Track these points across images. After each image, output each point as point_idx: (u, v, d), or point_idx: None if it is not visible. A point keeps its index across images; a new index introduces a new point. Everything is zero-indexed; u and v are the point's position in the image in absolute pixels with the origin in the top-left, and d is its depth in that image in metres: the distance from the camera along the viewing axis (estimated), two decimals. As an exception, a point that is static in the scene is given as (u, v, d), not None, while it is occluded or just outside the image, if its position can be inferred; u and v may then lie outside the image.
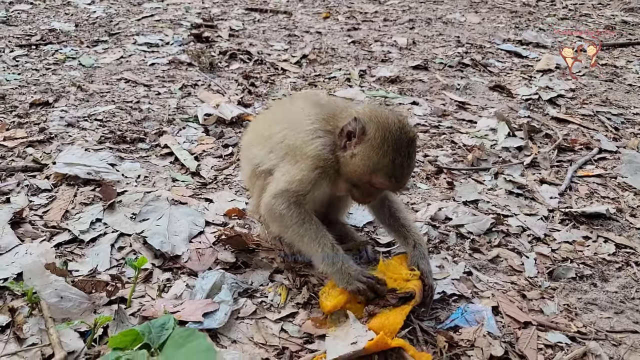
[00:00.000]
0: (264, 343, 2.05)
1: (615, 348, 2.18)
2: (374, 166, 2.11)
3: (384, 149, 2.10)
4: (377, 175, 2.13)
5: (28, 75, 4.38)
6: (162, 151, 3.41)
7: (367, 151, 2.11)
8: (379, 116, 2.15)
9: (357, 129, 2.13)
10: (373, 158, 2.11)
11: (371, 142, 2.11)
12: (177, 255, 2.45)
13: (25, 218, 2.64)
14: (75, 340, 1.95)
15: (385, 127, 2.12)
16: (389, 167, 2.11)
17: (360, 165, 2.13)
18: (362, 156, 2.12)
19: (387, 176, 2.12)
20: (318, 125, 2.23)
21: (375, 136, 2.11)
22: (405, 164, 2.13)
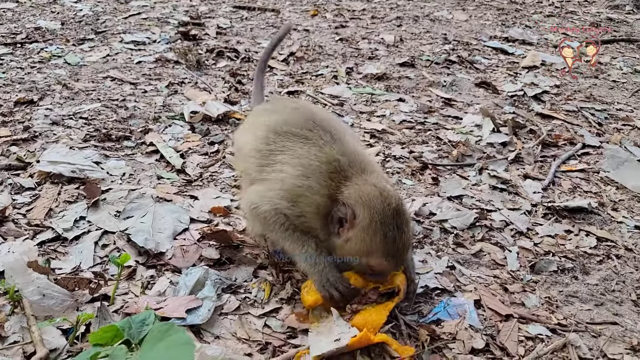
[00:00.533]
0: (247, 338, 2.06)
1: (594, 339, 2.21)
2: (369, 248, 2.02)
3: (373, 228, 1.98)
4: (374, 256, 2.03)
5: (13, 74, 4.36)
6: (147, 149, 3.41)
7: (360, 235, 2.01)
8: (362, 194, 2.03)
9: (347, 214, 2.03)
10: (366, 240, 2.00)
11: (361, 224, 2.00)
12: (161, 252, 2.45)
13: (8, 216, 2.63)
14: (57, 337, 1.95)
15: (369, 203, 2.00)
16: (383, 246, 2.00)
17: (354, 250, 2.05)
18: (356, 240, 2.03)
19: (384, 256, 2.02)
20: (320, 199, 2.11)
21: (364, 217, 2.00)
22: (397, 236, 2.01)
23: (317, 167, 2.14)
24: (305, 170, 2.14)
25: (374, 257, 2.03)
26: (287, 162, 2.20)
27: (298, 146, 2.23)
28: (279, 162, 2.23)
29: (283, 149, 2.26)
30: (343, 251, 2.09)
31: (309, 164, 2.16)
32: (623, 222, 3.04)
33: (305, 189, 2.12)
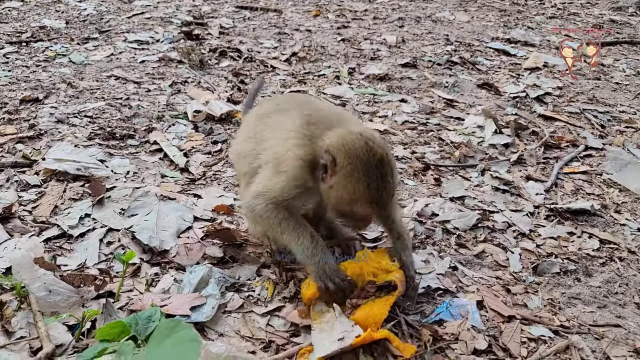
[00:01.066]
0: (250, 336, 2.07)
1: (597, 342, 2.22)
2: (352, 196, 2.05)
3: (356, 176, 2.02)
4: (357, 204, 2.07)
5: (18, 72, 4.38)
6: (151, 147, 3.42)
7: (342, 182, 2.04)
8: (346, 142, 2.06)
9: (328, 161, 2.06)
10: (349, 187, 2.04)
11: (343, 171, 2.03)
12: (165, 250, 2.47)
13: (15, 213, 2.65)
14: (63, 333, 1.97)
15: (352, 152, 2.03)
16: (365, 193, 2.03)
17: (338, 197, 2.08)
18: (338, 187, 2.06)
19: (367, 203, 2.06)
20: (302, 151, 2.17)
21: (346, 165, 2.03)
22: (381, 185, 2.04)
23: (292, 126, 2.23)
24: (284, 133, 2.24)
25: (358, 204, 2.07)
26: (269, 136, 2.33)
27: (277, 118, 2.41)
28: (264, 139, 2.35)
29: (266, 126, 2.41)
30: (329, 198, 2.13)
31: (285, 127, 2.26)
32: (626, 224, 3.05)
33: (286, 150, 2.19)
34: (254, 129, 2.47)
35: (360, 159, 2.02)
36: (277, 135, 2.29)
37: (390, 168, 2.08)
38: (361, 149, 2.03)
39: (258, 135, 2.41)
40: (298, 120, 2.25)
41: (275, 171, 2.21)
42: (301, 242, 2.18)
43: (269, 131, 2.37)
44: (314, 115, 2.25)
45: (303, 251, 2.17)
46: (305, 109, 2.34)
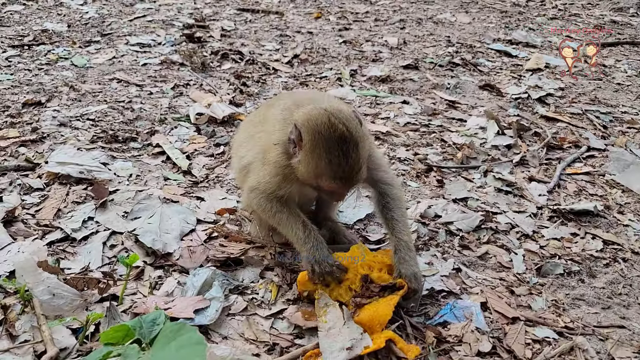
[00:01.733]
0: (254, 339, 2.07)
1: (602, 343, 2.21)
2: (315, 171, 2.08)
3: (317, 152, 2.04)
4: (321, 179, 2.09)
5: (21, 76, 4.39)
6: (154, 150, 3.42)
7: (305, 157, 2.08)
8: (310, 118, 2.08)
9: (295, 136, 2.09)
10: (311, 163, 2.07)
11: (305, 147, 2.06)
12: (168, 253, 2.47)
13: (18, 217, 2.65)
14: (67, 337, 1.97)
15: (314, 129, 2.05)
16: (327, 170, 2.05)
17: (304, 172, 2.11)
18: (303, 162, 2.09)
19: (330, 179, 2.07)
20: (279, 134, 2.22)
21: (308, 141, 2.05)
22: (342, 162, 2.04)
23: (273, 116, 2.33)
24: (267, 125, 2.34)
25: (323, 179, 2.09)
26: (260, 130, 2.43)
27: (265, 110, 2.56)
28: (257, 133, 2.46)
29: (258, 122, 2.52)
30: (298, 172, 2.16)
31: (268, 119, 2.38)
32: (629, 225, 3.04)
33: (268, 140, 2.26)
34: (248, 130, 2.58)
35: (322, 135, 2.04)
36: (264, 129, 2.38)
37: (353, 144, 2.06)
38: (323, 124, 2.05)
39: (252, 132, 2.52)
40: (276, 110, 2.35)
41: (262, 163, 2.30)
42: (295, 232, 2.26)
43: (259, 127, 2.48)
44: (291, 100, 2.34)
45: (297, 240, 2.26)
46: (288, 98, 2.44)
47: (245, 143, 2.55)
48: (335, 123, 2.05)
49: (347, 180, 2.09)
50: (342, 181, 2.08)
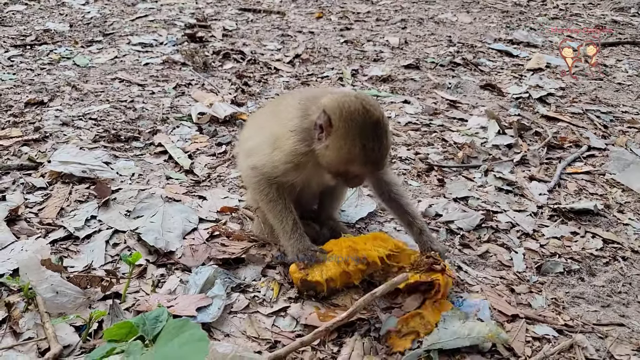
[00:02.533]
0: (256, 337, 2.08)
1: (601, 341, 2.22)
2: (347, 156, 2.12)
3: (351, 137, 2.08)
4: (352, 164, 2.14)
5: (23, 75, 4.40)
6: (156, 149, 3.44)
7: (337, 142, 2.11)
8: (341, 104, 2.12)
9: (323, 120, 2.13)
10: (344, 148, 2.10)
11: (338, 132, 2.10)
12: (171, 252, 2.49)
13: (21, 215, 2.67)
14: (70, 334, 1.99)
15: (348, 114, 2.09)
16: (361, 155, 2.10)
17: (334, 156, 2.15)
18: (333, 148, 2.12)
19: (362, 164, 2.13)
20: (295, 122, 2.26)
21: (340, 126, 2.09)
22: (376, 147, 2.10)
23: (290, 106, 2.36)
24: (281, 115, 2.38)
25: (353, 164, 2.14)
26: (270, 122, 2.46)
27: (274, 106, 2.67)
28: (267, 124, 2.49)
29: (269, 114, 2.60)
30: (324, 158, 2.19)
31: (281, 111, 2.42)
32: (629, 224, 3.06)
33: (283, 128, 2.29)
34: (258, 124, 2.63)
35: (356, 120, 2.08)
36: (277, 119, 2.40)
37: (385, 130, 2.14)
38: (357, 110, 2.10)
39: (259, 126, 2.57)
40: (293, 101, 2.39)
41: (272, 148, 2.31)
42: (283, 225, 2.35)
43: (269, 119, 2.51)
44: (308, 93, 2.41)
45: (283, 233, 2.36)
46: (300, 92, 2.52)
47: (254, 136, 2.54)
48: (369, 109, 2.11)
49: (378, 165, 2.17)
50: (373, 166, 2.16)
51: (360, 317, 2.16)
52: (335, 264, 2.26)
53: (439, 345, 2.03)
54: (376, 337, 2.10)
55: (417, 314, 2.15)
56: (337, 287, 2.29)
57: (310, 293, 2.27)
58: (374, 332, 2.13)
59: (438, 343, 2.04)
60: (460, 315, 2.15)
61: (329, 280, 2.24)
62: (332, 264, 2.27)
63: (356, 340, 2.08)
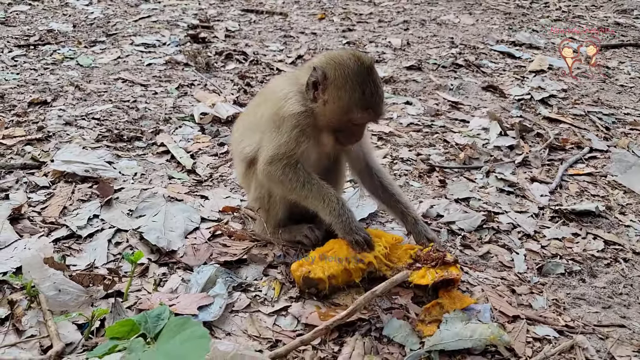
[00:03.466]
0: (257, 335, 2.09)
1: (602, 342, 2.23)
2: (348, 104, 2.20)
3: (350, 85, 2.18)
4: (354, 111, 2.21)
5: (26, 75, 4.42)
6: (158, 149, 3.45)
7: (335, 93, 2.20)
8: (333, 57, 2.24)
9: (318, 76, 2.21)
10: (344, 97, 2.19)
11: (335, 83, 2.19)
12: (172, 251, 2.50)
13: (24, 214, 2.68)
14: (72, 332, 2.00)
15: (342, 64, 2.20)
16: (361, 100, 2.19)
17: (334, 108, 2.22)
18: (333, 99, 2.21)
19: (363, 109, 2.21)
20: (287, 89, 2.34)
21: (337, 77, 2.19)
22: (374, 91, 2.21)
23: (274, 86, 2.45)
24: (269, 99, 2.43)
25: (355, 112, 2.22)
26: (260, 112, 2.50)
27: (258, 98, 2.68)
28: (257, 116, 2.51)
29: (255, 105, 2.63)
30: (324, 114, 2.25)
31: (267, 96, 2.48)
32: (630, 225, 3.06)
33: (278, 104, 2.33)
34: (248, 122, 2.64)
35: (351, 67, 2.18)
36: (266, 105, 2.44)
37: (377, 75, 2.27)
38: (349, 59, 2.21)
39: (253, 119, 2.57)
40: (275, 81, 2.54)
41: (275, 128, 2.33)
42: (327, 203, 2.31)
43: (259, 110, 2.52)
44: (288, 72, 2.51)
45: (330, 212, 2.30)
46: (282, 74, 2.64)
47: (247, 133, 2.56)
48: (359, 56, 2.24)
49: (378, 109, 2.25)
50: (374, 110, 2.24)
51: (361, 316, 2.17)
52: (337, 262, 2.27)
53: (441, 346, 2.04)
54: (377, 337, 2.11)
55: (437, 303, 2.22)
56: (339, 284, 2.30)
57: (312, 291, 2.28)
58: (374, 331, 2.13)
59: (440, 344, 2.05)
60: (462, 317, 2.16)
61: (331, 277, 2.25)
62: (333, 262, 2.28)
63: (357, 339, 2.09)
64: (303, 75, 2.32)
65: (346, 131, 2.31)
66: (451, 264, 2.29)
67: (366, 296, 2.09)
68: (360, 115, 2.23)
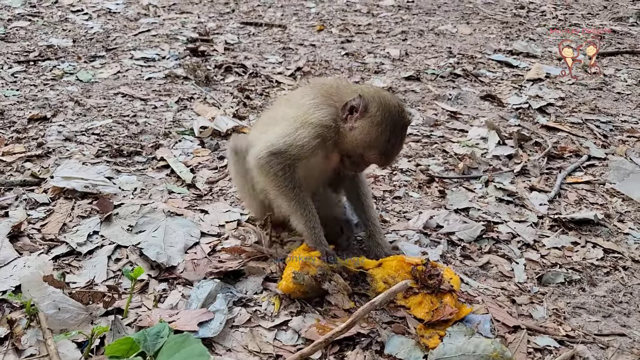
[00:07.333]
0: (258, 351, 2.09)
1: (602, 351, 2.23)
2: (370, 141, 2.32)
3: (382, 128, 2.29)
4: (371, 150, 2.34)
5: (26, 91, 4.45)
6: (158, 164, 3.47)
7: (367, 127, 2.31)
8: (381, 97, 2.36)
9: (360, 104, 2.31)
10: (371, 134, 2.30)
11: (372, 119, 2.31)
12: (172, 266, 2.50)
13: (24, 231, 2.69)
14: (72, 350, 2.00)
15: (386, 107, 2.32)
16: (383, 145, 2.32)
17: (358, 138, 2.33)
18: (361, 130, 2.32)
19: (379, 153, 2.34)
20: (320, 100, 2.42)
21: (376, 114, 2.30)
22: (397, 144, 2.37)
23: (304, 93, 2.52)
24: (296, 102, 2.50)
25: (372, 151, 2.35)
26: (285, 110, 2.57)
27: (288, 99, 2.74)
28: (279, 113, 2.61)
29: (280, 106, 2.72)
30: (346, 136, 2.36)
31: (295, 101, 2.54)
32: (629, 233, 3.06)
33: (306, 110, 2.41)
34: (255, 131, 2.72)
35: (392, 115, 2.32)
36: (293, 107, 2.50)
37: (406, 132, 2.44)
38: (395, 107, 2.35)
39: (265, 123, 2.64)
40: (306, 89, 2.61)
41: (294, 127, 2.38)
42: (305, 214, 2.43)
43: (283, 110, 2.57)
44: (317, 82, 2.70)
45: (306, 222, 2.44)
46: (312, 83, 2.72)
47: (267, 130, 2.54)
48: (404, 110, 2.40)
49: (389, 159, 2.43)
50: (386, 159, 2.39)
51: (361, 331, 2.17)
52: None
53: (444, 361, 2.04)
54: (377, 351, 2.11)
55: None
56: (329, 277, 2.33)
57: (304, 291, 2.29)
58: (375, 345, 2.13)
59: (443, 358, 2.04)
60: (465, 331, 2.16)
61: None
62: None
63: (358, 353, 2.09)
64: (344, 93, 2.42)
65: (354, 160, 2.43)
66: (446, 292, 2.28)
67: (365, 307, 2.09)
68: (374, 156, 2.36)
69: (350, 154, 2.41)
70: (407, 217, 3.07)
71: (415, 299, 2.30)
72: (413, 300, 2.30)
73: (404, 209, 3.16)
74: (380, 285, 2.33)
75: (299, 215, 2.45)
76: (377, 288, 2.33)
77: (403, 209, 3.16)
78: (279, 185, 2.41)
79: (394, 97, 2.44)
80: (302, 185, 2.44)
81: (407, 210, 3.14)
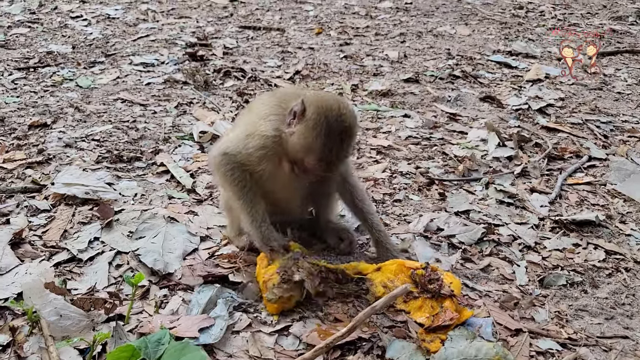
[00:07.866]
0: (259, 356, 2.09)
1: (605, 353, 2.22)
2: (307, 146, 2.25)
3: (317, 132, 2.21)
4: (309, 155, 2.26)
5: (26, 98, 4.45)
6: (158, 169, 3.47)
7: (303, 131, 2.25)
8: (320, 100, 2.28)
9: (299, 109, 2.26)
10: (307, 138, 2.23)
11: (307, 123, 2.24)
12: (170, 273, 2.50)
13: (25, 238, 2.69)
14: (74, 357, 2.00)
15: (322, 111, 2.23)
16: (320, 150, 2.23)
17: (296, 143, 2.27)
18: (299, 135, 2.26)
19: (317, 159, 2.25)
20: (271, 110, 2.39)
21: (312, 118, 2.23)
22: (334, 150, 2.24)
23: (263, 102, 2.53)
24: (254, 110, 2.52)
25: (310, 157, 2.26)
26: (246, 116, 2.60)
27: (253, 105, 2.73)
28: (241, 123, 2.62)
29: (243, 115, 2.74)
30: (287, 145, 2.31)
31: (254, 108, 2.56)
32: (631, 234, 3.06)
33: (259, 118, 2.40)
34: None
35: (328, 119, 2.22)
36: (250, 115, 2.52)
37: (349, 138, 2.30)
38: (332, 110, 2.24)
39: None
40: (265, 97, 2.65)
41: (246, 135, 2.39)
42: (252, 214, 2.41)
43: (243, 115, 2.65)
44: (281, 90, 2.65)
45: (252, 222, 2.42)
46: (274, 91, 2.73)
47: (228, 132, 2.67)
48: (343, 113, 2.25)
49: (330, 166, 2.29)
50: (326, 165, 2.27)
51: (362, 336, 2.17)
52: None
53: (446, 366, 2.04)
54: (379, 355, 2.10)
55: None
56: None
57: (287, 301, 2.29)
58: (376, 349, 2.13)
59: None
60: (467, 335, 2.16)
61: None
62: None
63: (359, 358, 2.09)
64: (292, 101, 2.36)
65: (300, 167, 2.35)
66: (447, 297, 2.28)
67: (366, 312, 2.09)
68: (313, 162, 2.27)
69: (295, 160, 2.34)
70: (407, 220, 3.07)
71: (415, 303, 2.30)
72: (413, 305, 2.30)
73: (404, 212, 3.16)
74: (380, 289, 2.33)
75: (245, 214, 2.44)
76: (377, 292, 2.33)
77: (403, 212, 3.15)
78: (229, 183, 2.44)
79: (338, 101, 2.31)
80: (254, 187, 2.43)
81: (407, 213, 3.14)
